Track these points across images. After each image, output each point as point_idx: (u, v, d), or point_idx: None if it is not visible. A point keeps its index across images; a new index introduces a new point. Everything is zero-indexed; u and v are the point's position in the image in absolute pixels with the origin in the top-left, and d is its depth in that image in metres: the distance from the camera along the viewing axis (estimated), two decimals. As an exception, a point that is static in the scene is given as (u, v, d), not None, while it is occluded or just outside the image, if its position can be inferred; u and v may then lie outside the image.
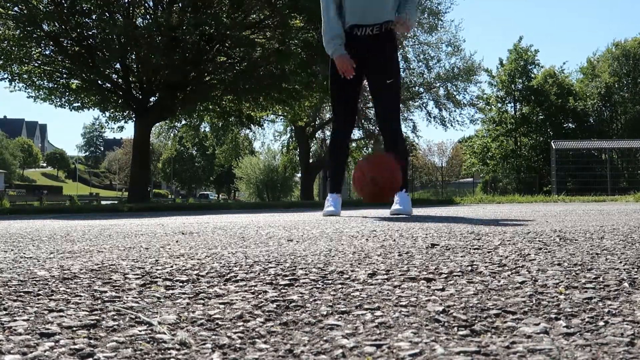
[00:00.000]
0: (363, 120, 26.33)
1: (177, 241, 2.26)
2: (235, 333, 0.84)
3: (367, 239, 2.15)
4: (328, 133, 29.00)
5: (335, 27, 4.23)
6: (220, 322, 0.91)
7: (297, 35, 13.15)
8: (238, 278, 1.29)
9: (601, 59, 34.90)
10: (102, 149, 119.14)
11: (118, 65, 13.45)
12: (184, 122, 17.90)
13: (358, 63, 4.29)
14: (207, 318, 0.93)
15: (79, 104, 14.30)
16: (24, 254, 1.85)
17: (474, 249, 1.78)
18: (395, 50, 4.36)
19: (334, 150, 4.65)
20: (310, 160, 27.80)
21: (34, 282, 1.26)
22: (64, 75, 13.60)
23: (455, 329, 0.85)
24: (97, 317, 0.93)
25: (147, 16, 13.71)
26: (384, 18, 4.23)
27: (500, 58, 33.10)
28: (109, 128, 52.37)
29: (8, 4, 11.82)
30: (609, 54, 34.26)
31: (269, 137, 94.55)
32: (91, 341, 0.80)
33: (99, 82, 13.17)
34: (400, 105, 4.80)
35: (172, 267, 1.46)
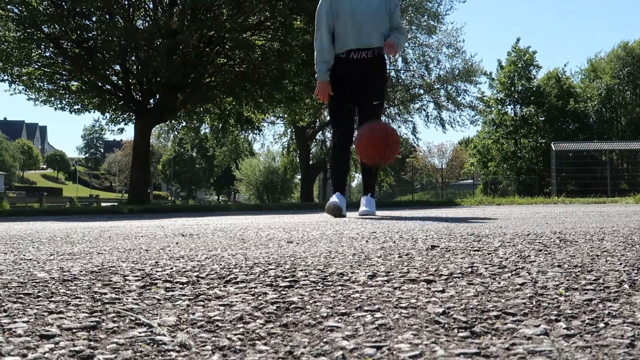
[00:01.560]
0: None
1: (177, 243, 2.26)
2: (235, 335, 0.84)
3: (367, 241, 2.15)
4: (328, 135, 28.99)
5: (326, 54, 4.70)
6: (220, 324, 0.91)
7: (297, 36, 13.15)
8: (238, 280, 1.29)
9: (604, 61, 34.91)
10: (102, 150, 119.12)
11: (118, 67, 13.46)
12: (184, 123, 17.90)
13: (354, 83, 4.71)
14: (207, 320, 0.93)
15: (79, 107, 14.29)
16: (24, 255, 1.85)
17: (474, 250, 1.78)
18: (385, 75, 4.83)
19: (336, 158, 4.96)
20: (311, 162, 27.79)
21: (34, 283, 1.26)
22: (64, 77, 13.61)
23: (456, 330, 0.85)
24: (97, 319, 0.93)
25: (147, 18, 13.72)
26: (377, 44, 4.67)
27: (499, 60, 33.08)
28: (109, 130, 52.39)
29: (8, 6, 11.83)
30: (613, 55, 34.23)
31: (269, 139, 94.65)
32: (91, 343, 0.80)
33: (99, 83, 13.17)
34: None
35: (172, 268, 1.46)
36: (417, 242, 2.05)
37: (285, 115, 19.73)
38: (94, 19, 12.80)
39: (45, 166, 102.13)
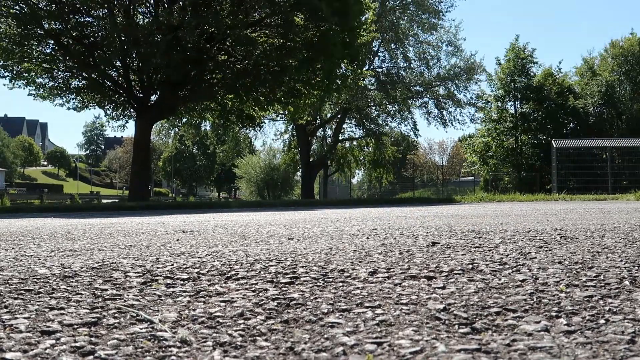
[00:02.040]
0: (364, 120, 26.34)
1: (177, 239, 2.26)
2: (236, 331, 0.84)
3: (367, 238, 2.15)
4: (329, 132, 28.99)
5: None
6: (221, 320, 0.91)
7: (298, 33, 13.13)
8: (239, 276, 1.30)
9: (600, 58, 34.89)
10: (103, 147, 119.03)
11: (119, 64, 13.45)
12: (184, 120, 17.88)
13: None
14: (208, 316, 0.93)
15: (79, 103, 14.28)
16: (25, 252, 1.86)
17: (475, 247, 1.78)
18: None
19: None
20: (311, 159, 27.76)
21: (35, 280, 1.27)
22: (65, 74, 13.61)
23: (456, 326, 0.85)
24: (98, 315, 0.93)
25: (148, 15, 13.71)
26: None
27: (497, 57, 32.95)
28: (110, 127, 52.37)
29: (9, 3, 11.82)
30: (606, 53, 34.24)
31: (270, 136, 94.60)
32: (92, 339, 0.80)
33: (100, 80, 13.17)
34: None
35: (173, 265, 1.46)
36: (417, 239, 2.05)
37: (286, 112, 19.72)
38: (93, 13, 12.79)
39: (45, 163, 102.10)
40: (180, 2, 12.83)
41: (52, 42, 12.63)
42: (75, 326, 0.87)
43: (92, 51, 12.64)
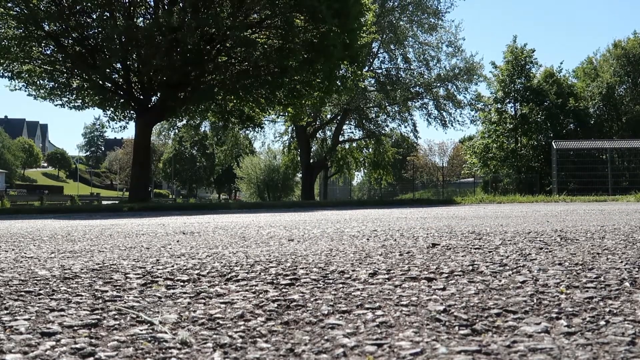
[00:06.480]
0: (364, 121, 26.33)
1: (178, 241, 2.26)
2: (236, 332, 0.84)
3: (368, 239, 2.15)
4: (329, 133, 28.97)
5: None
6: (221, 322, 0.91)
7: (298, 34, 13.14)
8: (239, 278, 1.30)
9: (601, 59, 34.92)
10: (103, 148, 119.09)
11: (119, 65, 13.45)
12: (184, 121, 17.88)
13: None
14: (208, 317, 0.93)
15: (80, 104, 14.28)
16: (25, 253, 1.86)
17: (475, 248, 1.78)
18: None
19: None
20: (311, 160, 27.75)
21: (35, 281, 1.27)
22: (65, 75, 13.61)
23: (457, 328, 0.85)
24: (98, 317, 0.93)
25: (148, 16, 13.72)
26: None
27: (492, 61, 32.96)
28: (110, 128, 52.46)
29: (9, 4, 11.82)
30: (609, 53, 34.28)
31: (270, 137, 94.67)
32: (92, 340, 0.80)
33: (100, 82, 13.18)
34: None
35: (173, 266, 1.46)
36: (418, 240, 2.05)
37: (286, 114, 19.73)
38: (94, 15, 12.80)
39: (46, 164, 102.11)
40: (180, 4, 12.85)
41: (53, 43, 12.65)
42: (75, 328, 0.87)
43: (93, 53, 12.67)
